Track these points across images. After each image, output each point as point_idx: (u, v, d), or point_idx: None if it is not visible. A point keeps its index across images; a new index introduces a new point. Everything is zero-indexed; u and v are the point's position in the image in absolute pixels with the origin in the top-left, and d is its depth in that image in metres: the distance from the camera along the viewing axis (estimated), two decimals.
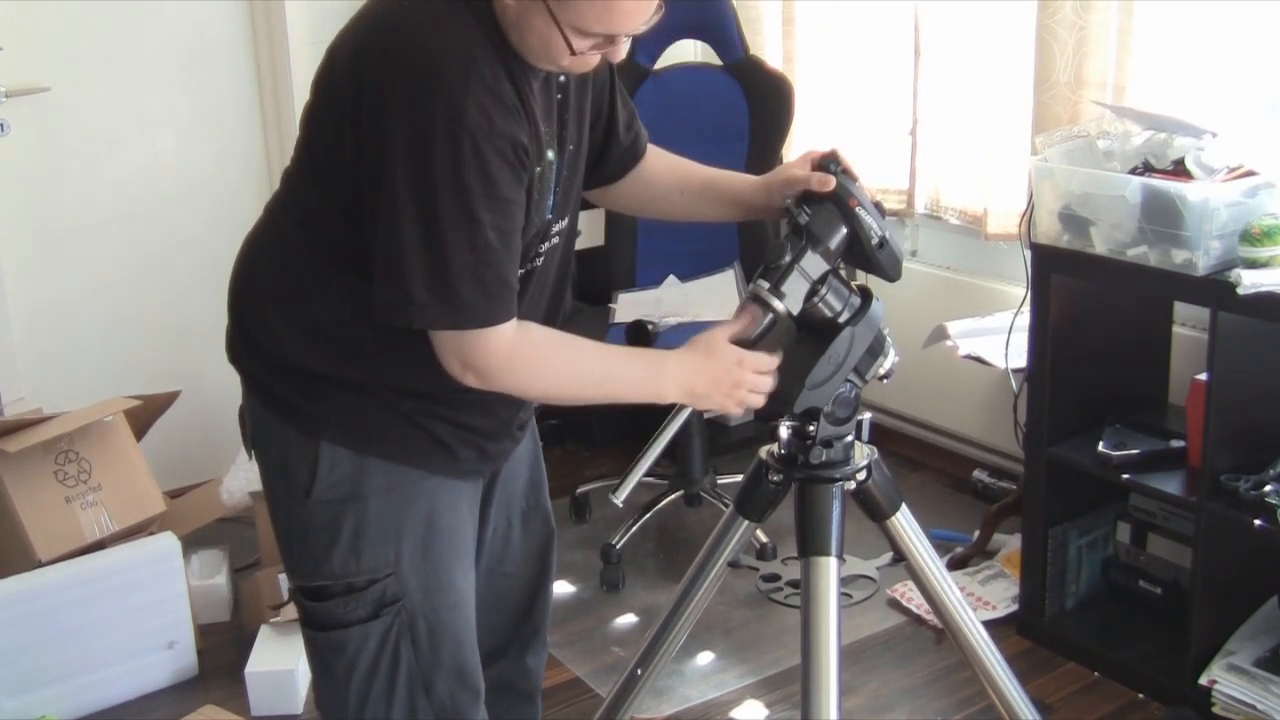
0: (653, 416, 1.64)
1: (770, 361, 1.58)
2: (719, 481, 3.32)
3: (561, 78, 1.58)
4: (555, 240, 1.64)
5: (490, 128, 1.40)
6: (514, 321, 1.49)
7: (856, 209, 1.60)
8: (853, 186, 1.61)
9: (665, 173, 1.84)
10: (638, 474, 1.60)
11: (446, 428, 1.62)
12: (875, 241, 1.61)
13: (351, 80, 1.46)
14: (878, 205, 1.64)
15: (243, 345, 1.65)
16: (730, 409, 1.59)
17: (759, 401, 1.59)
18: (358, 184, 1.47)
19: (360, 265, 1.50)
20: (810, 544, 1.68)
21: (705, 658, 2.78)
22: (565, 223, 1.66)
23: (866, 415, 1.72)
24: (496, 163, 1.42)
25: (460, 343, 1.47)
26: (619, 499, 1.63)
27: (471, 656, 1.71)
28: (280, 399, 1.61)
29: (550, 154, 1.56)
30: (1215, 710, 2.40)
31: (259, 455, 1.68)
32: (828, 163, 1.62)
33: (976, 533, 3.12)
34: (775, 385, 1.62)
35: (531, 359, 1.53)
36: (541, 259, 1.62)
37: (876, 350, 1.66)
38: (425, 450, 1.61)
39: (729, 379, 1.56)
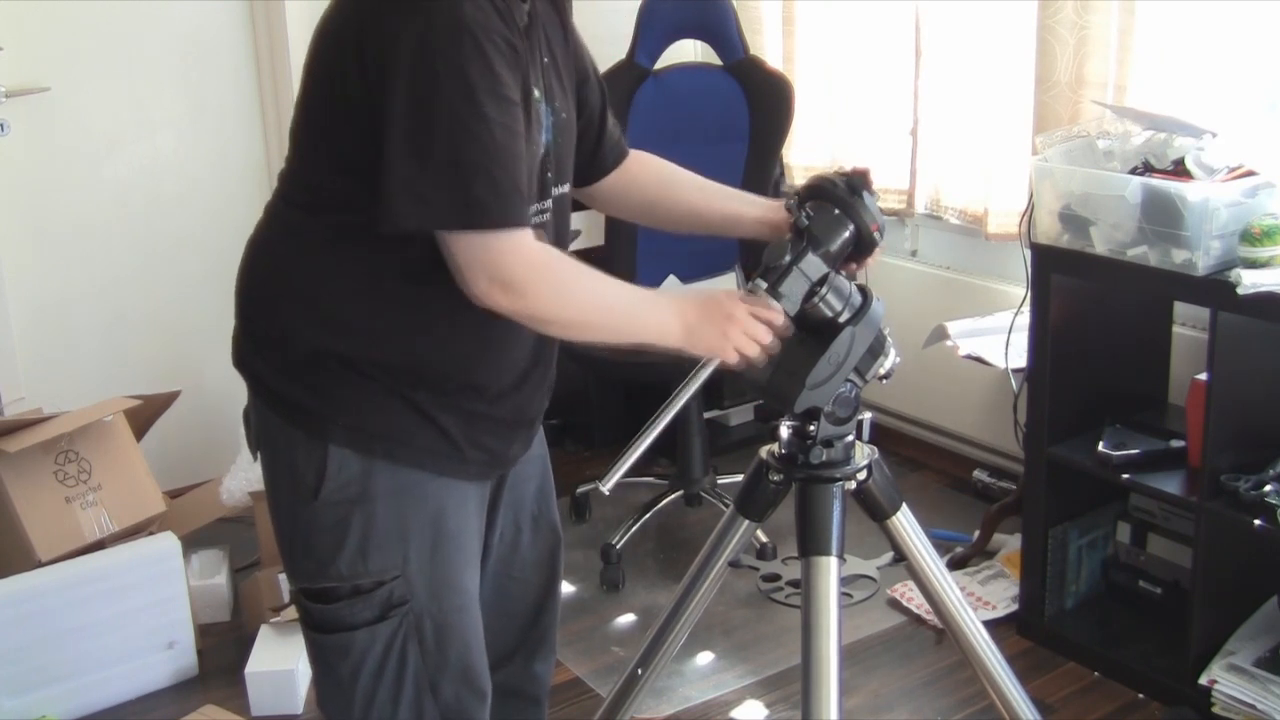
0: (652, 415, 1.64)
1: (771, 312, 1.56)
2: (719, 481, 3.32)
3: (545, 48, 1.59)
4: (548, 208, 1.63)
5: (488, 24, 1.42)
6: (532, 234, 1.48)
7: (876, 233, 1.63)
8: (875, 210, 1.63)
9: (666, 168, 1.87)
10: (626, 463, 1.58)
11: (458, 422, 1.60)
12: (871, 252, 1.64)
13: (354, 28, 1.47)
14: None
15: (250, 347, 1.64)
16: (726, 351, 1.56)
17: (752, 350, 1.57)
18: (366, 126, 1.46)
19: (375, 238, 1.49)
20: (810, 544, 1.67)
21: (705, 658, 2.78)
22: (563, 189, 1.67)
23: (867, 415, 1.72)
24: (497, 60, 1.43)
25: (485, 249, 1.44)
26: (606, 487, 1.60)
27: (478, 659, 1.71)
28: (288, 401, 1.60)
29: (538, 93, 1.56)
30: (1215, 710, 2.40)
31: (264, 457, 1.67)
32: (856, 181, 1.63)
33: (976, 533, 3.12)
34: (775, 384, 1.62)
35: (559, 272, 1.51)
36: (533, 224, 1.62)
37: (877, 350, 1.66)
38: (434, 451, 1.60)
39: (721, 311, 1.56)
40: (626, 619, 2.97)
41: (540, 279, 1.48)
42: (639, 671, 1.89)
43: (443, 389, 1.59)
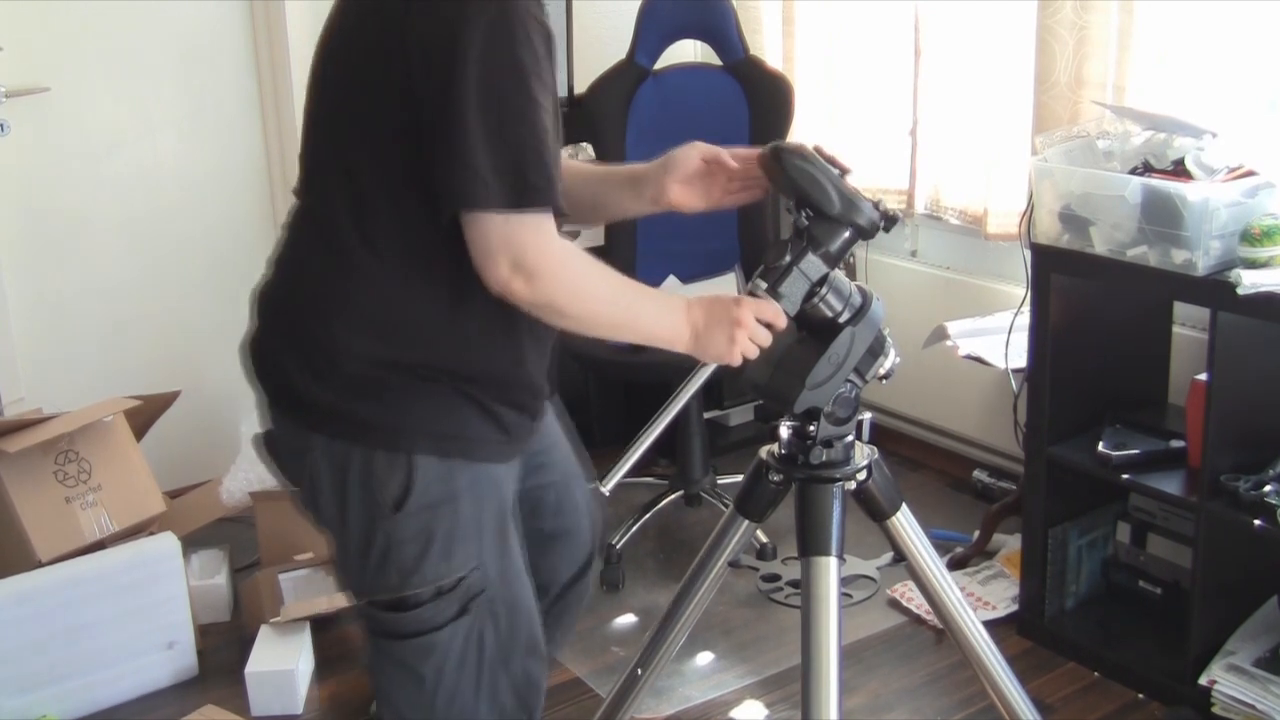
0: (652, 415, 1.64)
1: (773, 311, 1.58)
2: (719, 481, 3.32)
3: None
4: None
5: (535, 15, 1.48)
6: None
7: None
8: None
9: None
10: (626, 465, 1.60)
11: (510, 412, 1.64)
12: None
13: (394, 27, 1.48)
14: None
15: (305, 375, 1.60)
16: (732, 357, 1.58)
17: (754, 352, 1.59)
18: (415, 119, 1.48)
19: (433, 239, 1.51)
20: (810, 544, 1.68)
21: (705, 658, 2.78)
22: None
23: (867, 415, 1.72)
24: (542, 49, 1.48)
25: (513, 235, 1.46)
26: (606, 488, 1.63)
27: (538, 626, 1.74)
28: (355, 420, 1.58)
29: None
30: (1215, 710, 2.40)
31: (326, 480, 1.62)
32: (888, 224, 1.63)
33: (976, 533, 3.12)
34: (775, 384, 1.62)
35: (577, 264, 1.54)
36: None
37: (877, 350, 1.66)
38: (496, 440, 1.63)
39: (728, 317, 1.58)
40: (626, 619, 2.97)
41: (561, 269, 1.50)
42: (639, 671, 1.90)
43: (498, 386, 1.62)
